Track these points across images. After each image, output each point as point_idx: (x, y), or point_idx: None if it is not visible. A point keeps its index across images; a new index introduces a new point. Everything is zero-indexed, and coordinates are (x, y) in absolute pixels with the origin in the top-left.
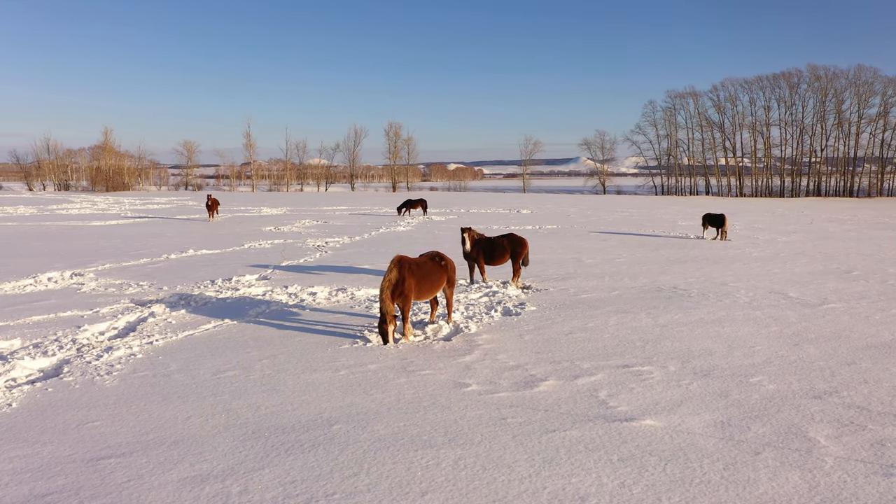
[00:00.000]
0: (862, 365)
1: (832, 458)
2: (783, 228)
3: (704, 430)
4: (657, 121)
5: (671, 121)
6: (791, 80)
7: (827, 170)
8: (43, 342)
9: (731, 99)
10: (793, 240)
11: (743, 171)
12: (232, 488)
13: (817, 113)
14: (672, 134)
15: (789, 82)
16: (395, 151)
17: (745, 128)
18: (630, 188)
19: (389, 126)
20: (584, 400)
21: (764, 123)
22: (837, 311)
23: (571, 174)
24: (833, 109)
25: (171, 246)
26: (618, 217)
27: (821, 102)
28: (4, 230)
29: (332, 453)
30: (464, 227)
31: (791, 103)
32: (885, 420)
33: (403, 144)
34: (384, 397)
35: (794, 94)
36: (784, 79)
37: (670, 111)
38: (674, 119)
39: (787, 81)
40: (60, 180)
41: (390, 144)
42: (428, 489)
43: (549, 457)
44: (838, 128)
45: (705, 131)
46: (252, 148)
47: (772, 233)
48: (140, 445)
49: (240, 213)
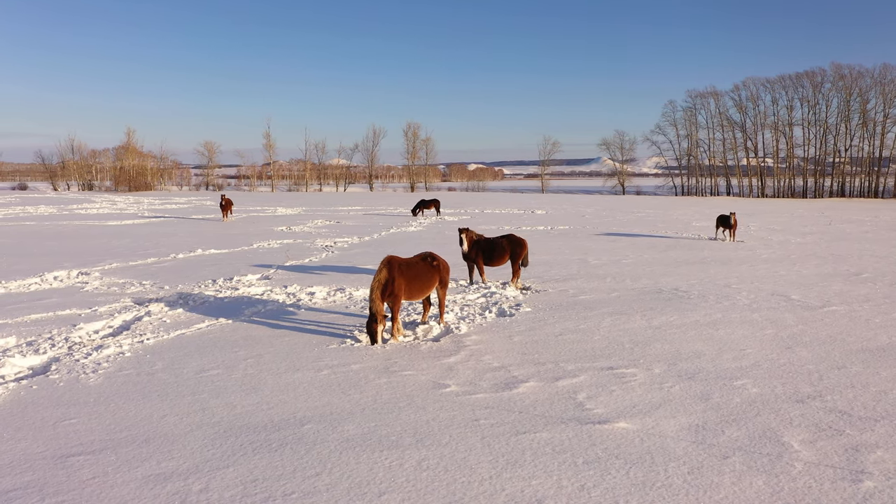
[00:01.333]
0: (852, 369)
1: (802, 464)
2: (799, 230)
3: (677, 433)
4: (677, 121)
5: (692, 121)
6: (814, 79)
7: (851, 170)
8: (37, 340)
9: (753, 98)
10: (807, 241)
11: (765, 172)
12: (193, 486)
13: (841, 112)
14: (692, 134)
15: (812, 81)
16: (413, 151)
17: (767, 127)
18: (649, 188)
19: (408, 126)
20: (562, 402)
21: (786, 123)
22: (838, 313)
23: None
24: (858, 109)
25: (181, 245)
26: (633, 218)
27: (845, 102)
28: (22, 229)
29: (299, 453)
30: (461, 228)
31: (814, 103)
32: (864, 425)
33: (422, 145)
34: (361, 397)
35: (817, 94)
36: (807, 78)
37: (691, 111)
38: (694, 119)
39: (810, 80)
40: (84, 180)
41: (409, 144)
42: (386, 489)
43: (514, 459)
44: (863, 127)
45: (726, 131)
46: (272, 148)
47: (787, 234)
48: (111, 443)
49: (255, 212)
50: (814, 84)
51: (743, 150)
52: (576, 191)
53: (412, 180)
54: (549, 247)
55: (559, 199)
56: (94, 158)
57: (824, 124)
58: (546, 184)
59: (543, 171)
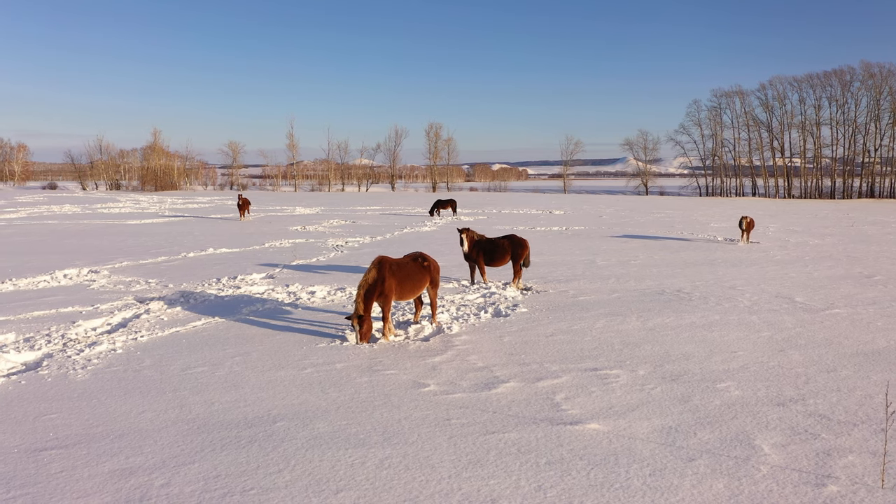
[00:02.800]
0: (842, 372)
1: (768, 467)
2: (819, 231)
3: (648, 435)
4: (702, 120)
5: (716, 120)
6: (843, 77)
7: (881, 170)
8: (34, 337)
9: (780, 98)
10: (825, 243)
11: (791, 172)
12: (155, 481)
13: (871, 111)
14: (717, 134)
15: (841, 80)
16: (435, 151)
17: (794, 127)
18: (673, 189)
19: (430, 126)
20: (538, 402)
21: (814, 122)
22: (839, 316)
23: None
24: (888, 108)
25: (193, 244)
26: (651, 219)
27: (875, 101)
28: (43, 228)
29: (265, 450)
30: (461, 228)
31: (843, 101)
32: (841, 429)
33: (444, 145)
34: (339, 396)
35: (846, 92)
36: (836, 76)
37: (716, 110)
38: (719, 118)
39: (838, 79)
40: (112, 180)
41: (430, 145)
42: (344, 487)
43: (477, 458)
44: (893, 126)
45: (752, 131)
46: (295, 148)
47: (805, 235)
48: (86, 438)
49: (273, 212)
50: (842, 83)
51: (769, 150)
52: (599, 191)
53: (434, 180)
54: (560, 247)
55: (580, 200)
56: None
57: (853, 123)
58: (569, 184)
59: (566, 171)
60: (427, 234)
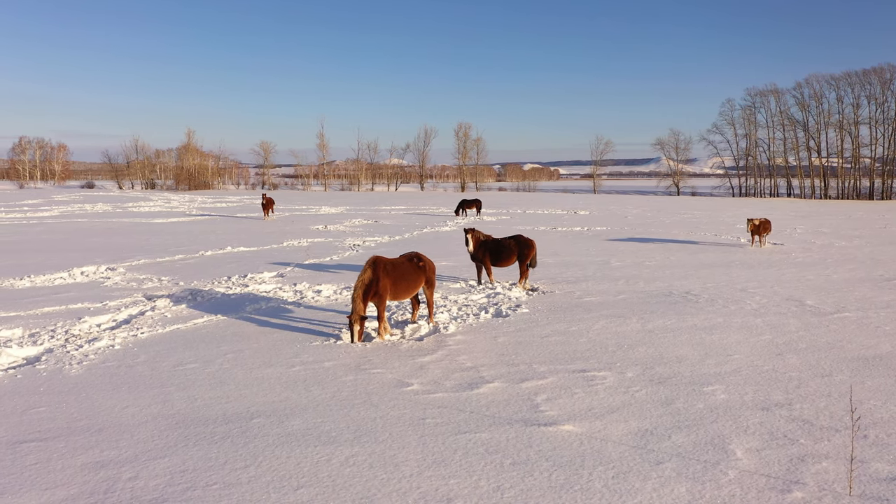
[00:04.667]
0: (837, 377)
1: (736, 472)
2: (848, 233)
3: (622, 437)
4: (735, 120)
5: (750, 119)
6: (883, 75)
7: None
8: (39, 332)
9: (816, 96)
10: (852, 245)
11: (828, 172)
12: (124, 475)
13: None
14: (751, 133)
15: (881, 78)
16: (464, 151)
17: (831, 126)
18: (705, 189)
19: (459, 126)
20: (517, 403)
21: (852, 122)
22: (848, 320)
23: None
24: None
25: (213, 243)
26: (677, 219)
27: None
28: (72, 226)
29: (236, 445)
30: (467, 229)
31: (883, 100)
32: (822, 435)
33: (473, 145)
34: (321, 394)
35: (886, 91)
36: (875, 74)
37: (750, 109)
38: (753, 118)
39: (878, 77)
40: (147, 179)
41: (459, 145)
42: (305, 484)
43: (443, 458)
44: None
45: (787, 130)
46: (325, 148)
47: (833, 237)
48: (67, 431)
49: (298, 211)
50: (882, 81)
51: (805, 149)
52: (629, 191)
53: (462, 180)
54: (577, 248)
55: (608, 200)
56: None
57: (893, 122)
58: (600, 184)
59: (596, 171)
60: (445, 233)
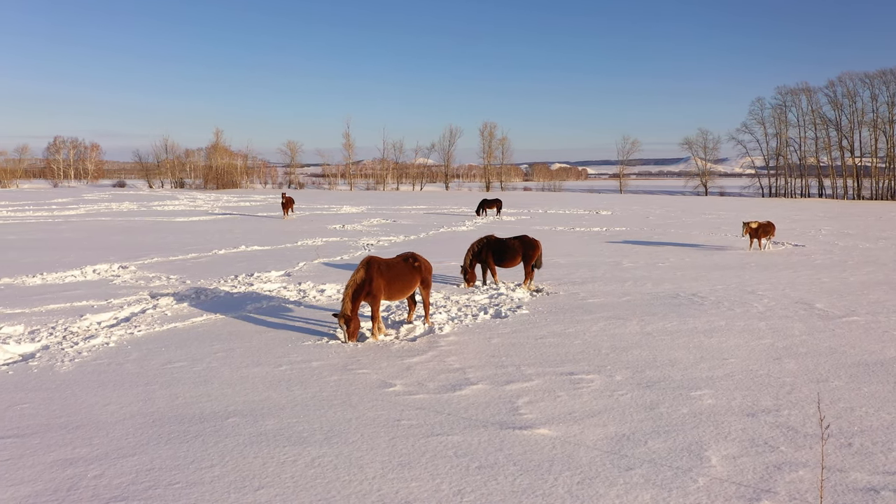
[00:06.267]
0: (833, 383)
1: (707, 479)
2: (874, 234)
3: (596, 442)
4: (765, 119)
5: (781, 118)
6: None
7: None
8: (40, 329)
9: (850, 95)
10: (876, 247)
11: (861, 172)
12: (89, 473)
13: None
14: (782, 133)
15: None
16: (489, 151)
17: (864, 125)
18: (734, 189)
19: (484, 126)
20: (497, 406)
21: (887, 120)
22: (855, 324)
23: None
24: None
25: (228, 242)
26: (699, 220)
27: None
28: (95, 224)
29: (207, 444)
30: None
31: None
32: (804, 442)
33: (498, 144)
34: (301, 394)
35: None
36: None
37: (780, 108)
38: (784, 117)
39: None
40: (177, 178)
41: (484, 144)
42: (267, 484)
43: (409, 460)
44: None
45: (819, 129)
46: (351, 148)
47: (858, 239)
48: (44, 428)
49: (319, 211)
50: None
51: (838, 149)
52: (656, 191)
53: (487, 180)
54: (591, 249)
55: (633, 200)
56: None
57: None
58: (627, 184)
59: (622, 170)
60: (461, 233)
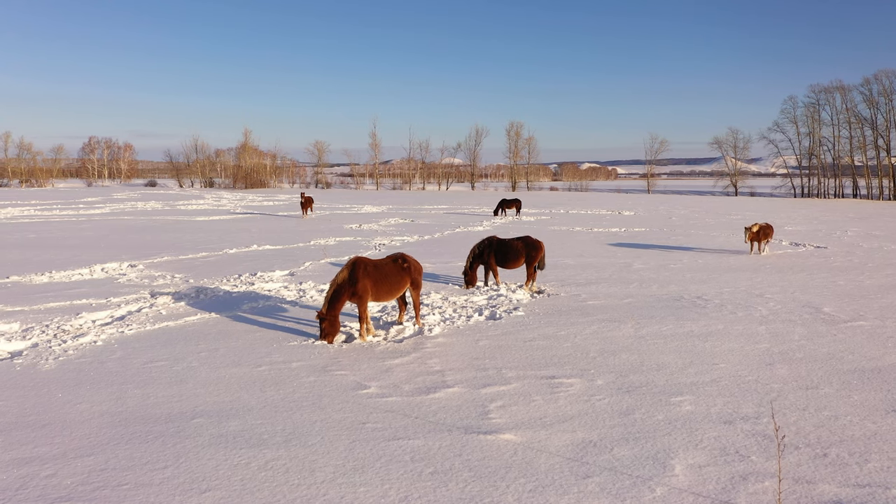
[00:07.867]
0: (823, 390)
1: (665, 489)
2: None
3: (560, 448)
4: (798, 118)
5: (814, 117)
6: None
7: None
8: (34, 327)
9: (886, 92)
10: None
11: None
12: (42, 472)
13: None
14: (815, 132)
15: None
16: (515, 151)
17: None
18: (765, 189)
19: (510, 125)
20: (468, 409)
21: None
22: (860, 329)
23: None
24: None
25: (241, 241)
26: (722, 221)
27: None
28: (116, 223)
29: (166, 446)
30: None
31: None
32: (778, 452)
33: (524, 144)
34: (273, 395)
35: None
36: None
37: (813, 107)
38: (817, 115)
39: None
40: (206, 178)
41: (511, 144)
42: (214, 487)
43: (364, 465)
44: None
45: (854, 128)
46: (377, 148)
47: (885, 241)
48: (11, 426)
49: (340, 210)
50: None
51: (873, 148)
52: (685, 191)
53: (513, 179)
54: (604, 250)
55: (658, 200)
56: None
57: None
58: (656, 183)
59: (651, 170)
60: (476, 233)
